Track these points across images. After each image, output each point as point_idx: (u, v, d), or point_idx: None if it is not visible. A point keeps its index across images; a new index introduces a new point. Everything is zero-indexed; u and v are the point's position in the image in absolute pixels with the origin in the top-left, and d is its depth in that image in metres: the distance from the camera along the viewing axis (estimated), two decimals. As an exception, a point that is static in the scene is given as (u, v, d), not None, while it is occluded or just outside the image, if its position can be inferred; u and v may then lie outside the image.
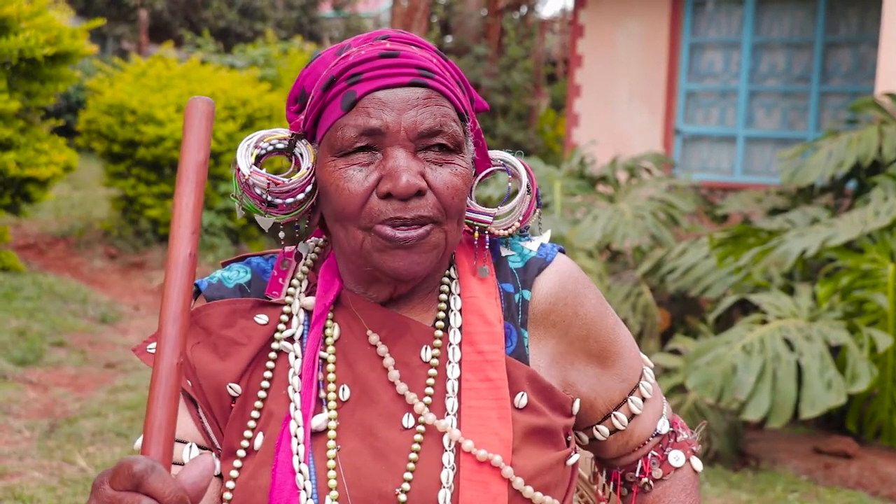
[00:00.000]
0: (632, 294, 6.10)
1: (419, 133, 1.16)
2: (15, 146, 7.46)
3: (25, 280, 7.45)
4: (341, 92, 1.17)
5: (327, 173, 1.18)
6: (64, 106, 14.49)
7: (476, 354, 1.22)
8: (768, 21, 9.58)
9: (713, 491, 4.52)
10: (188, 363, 1.22)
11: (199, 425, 1.22)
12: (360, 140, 1.16)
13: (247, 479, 1.17)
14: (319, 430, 1.18)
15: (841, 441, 5.06)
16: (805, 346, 4.65)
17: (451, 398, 1.20)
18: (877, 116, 6.60)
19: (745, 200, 7.26)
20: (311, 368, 1.21)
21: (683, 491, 1.38)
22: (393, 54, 1.18)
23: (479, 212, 1.28)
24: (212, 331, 1.24)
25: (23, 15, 7.24)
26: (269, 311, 1.25)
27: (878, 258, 5.03)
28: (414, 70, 1.17)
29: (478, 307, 1.24)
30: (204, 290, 1.27)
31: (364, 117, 1.15)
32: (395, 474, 1.16)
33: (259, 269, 1.29)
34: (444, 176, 1.17)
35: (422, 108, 1.16)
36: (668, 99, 9.76)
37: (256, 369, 1.23)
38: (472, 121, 1.25)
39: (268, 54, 13.57)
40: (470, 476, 1.15)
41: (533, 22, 18.45)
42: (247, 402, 1.21)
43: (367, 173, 1.16)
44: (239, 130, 9.68)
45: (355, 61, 1.17)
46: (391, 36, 1.23)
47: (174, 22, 20.03)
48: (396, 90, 1.16)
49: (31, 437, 4.65)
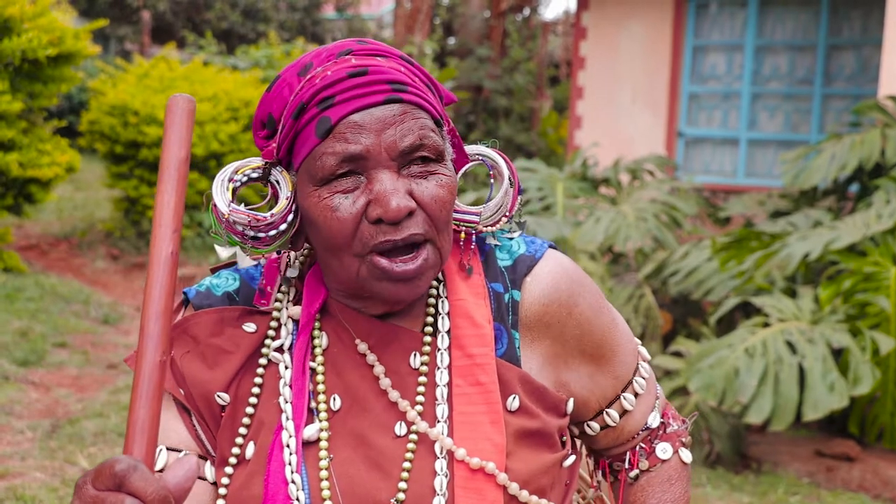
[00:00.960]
0: (634, 296, 6.09)
1: (401, 151, 1.13)
2: (17, 147, 7.47)
3: (28, 281, 7.46)
4: (314, 118, 1.14)
5: (312, 204, 1.15)
6: (66, 107, 14.50)
7: (465, 358, 1.20)
8: (771, 23, 9.58)
9: (715, 493, 4.52)
10: (178, 372, 1.21)
11: (194, 433, 1.21)
12: (341, 167, 1.13)
13: (239, 489, 1.17)
14: (311, 440, 1.17)
15: (843, 444, 5.05)
16: (807, 348, 4.65)
17: (442, 405, 1.18)
18: (880, 119, 6.59)
19: (747, 203, 7.26)
20: (301, 378, 1.20)
21: (668, 481, 1.36)
22: (362, 72, 1.14)
23: (465, 212, 1.26)
24: (200, 339, 1.22)
25: (26, 16, 7.25)
26: (257, 320, 1.24)
27: (880, 261, 5.02)
28: (386, 86, 1.14)
29: (465, 310, 1.22)
30: (192, 299, 1.26)
31: (342, 143, 1.12)
32: (389, 483, 1.15)
33: (248, 276, 1.28)
34: (430, 189, 1.15)
35: (399, 124, 1.13)
36: (671, 101, 9.76)
37: (245, 377, 1.21)
38: (447, 122, 1.23)
39: (270, 56, 13.58)
40: (464, 484, 1.15)
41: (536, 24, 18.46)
42: (236, 410, 1.20)
43: (353, 199, 1.13)
44: (241, 132, 9.69)
45: (323, 84, 1.13)
46: (354, 50, 1.18)
47: (177, 23, 20.05)
48: (371, 110, 1.13)
49: (33, 438, 4.65)
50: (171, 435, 1.20)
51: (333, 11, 22.65)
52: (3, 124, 7.32)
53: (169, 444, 1.20)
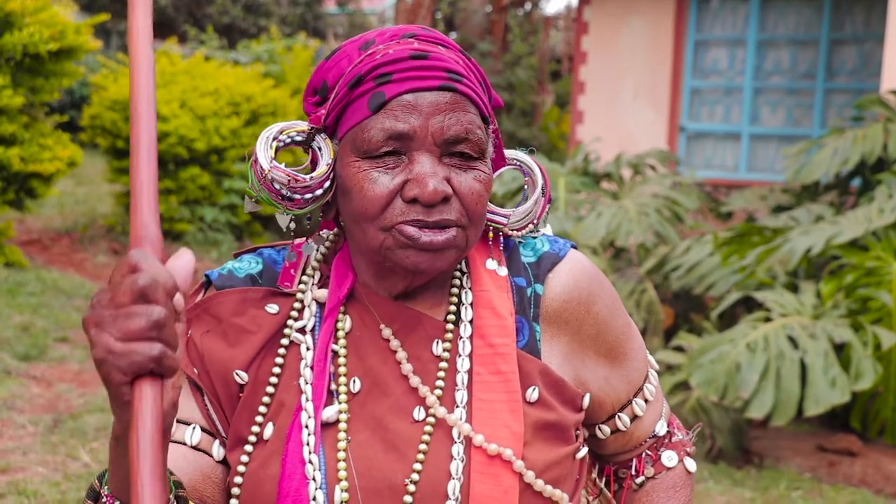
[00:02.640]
0: (636, 291, 6.09)
1: (445, 139, 1.15)
2: (19, 141, 7.47)
3: (29, 275, 7.46)
4: (368, 91, 1.16)
5: (351, 173, 1.17)
6: (68, 101, 14.50)
7: (487, 347, 1.21)
8: (773, 18, 9.56)
9: (717, 488, 4.52)
10: (195, 352, 1.23)
11: (205, 412, 1.23)
12: (386, 144, 1.14)
13: (257, 468, 1.18)
14: (330, 421, 1.19)
15: (845, 439, 5.05)
16: (809, 343, 4.64)
17: (461, 391, 1.20)
18: (882, 114, 6.59)
19: (749, 198, 7.26)
20: (322, 360, 1.21)
21: (673, 488, 1.38)
22: (423, 55, 1.16)
23: (495, 212, 1.28)
24: (222, 318, 1.24)
25: (27, 10, 7.25)
26: (280, 301, 1.25)
27: (882, 256, 5.02)
28: (443, 73, 1.16)
29: (489, 301, 1.24)
30: (214, 280, 1.27)
31: (391, 120, 1.14)
32: (405, 465, 1.16)
33: (271, 260, 1.29)
34: (468, 181, 1.17)
35: (449, 113, 1.15)
36: (673, 96, 9.75)
37: (266, 358, 1.23)
38: (493, 121, 1.25)
39: (272, 50, 13.57)
40: (481, 469, 1.16)
41: (537, 19, 18.42)
42: (256, 390, 1.22)
43: (392, 176, 1.15)
44: (243, 126, 9.68)
45: (384, 60, 1.16)
46: (418, 34, 1.21)
47: (178, 18, 20.04)
48: (425, 93, 1.15)
49: (35, 433, 4.66)
50: (183, 407, 1.22)
51: (335, 6, 22.63)
52: (4, 119, 7.31)
53: (180, 417, 1.21)
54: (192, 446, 1.21)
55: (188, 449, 1.21)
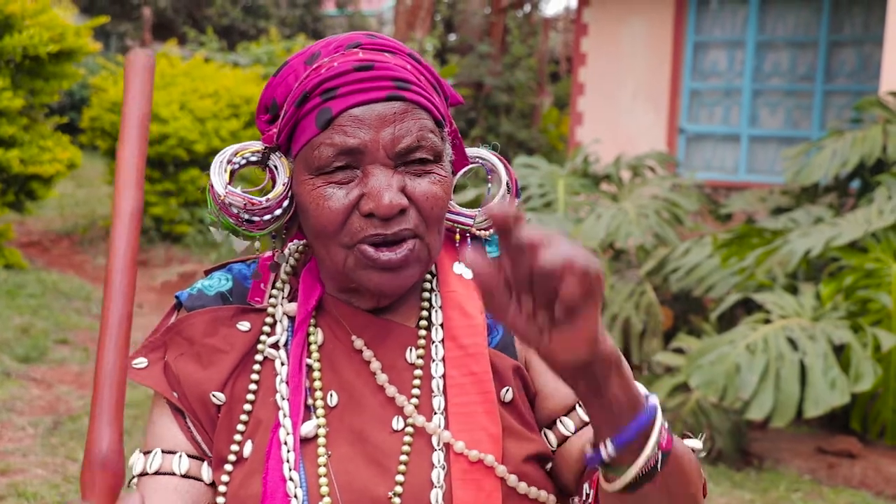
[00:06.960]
0: (635, 293, 6.09)
1: (397, 151, 1.13)
2: (19, 143, 7.47)
3: (29, 277, 7.46)
4: (315, 108, 1.14)
5: (306, 191, 1.16)
6: (68, 103, 14.50)
7: (458, 349, 1.20)
8: (772, 20, 9.57)
9: (716, 490, 4.52)
10: (173, 375, 1.21)
11: (189, 435, 1.21)
12: (338, 160, 1.13)
13: (237, 489, 1.17)
14: (309, 436, 1.17)
15: (844, 440, 5.05)
16: (809, 345, 4.65)
17: (438, 397, 1.18)
18: (881, 115, 6.59)
19: (748, 199, 7.26)
20: (297, 375, 1.19)
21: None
22: (367, 66, 1.14)
23: (460, 213, 1.26)
24: (195, 340, 1.22)
25: (27, 12, 7.26)
26: (251, 318, 1.24)
27: (881, 257, 5.02)
28: (390, 83, 1.14)
29: (457, 301, 1.23)
30: (184, 302, 1.26)
31: (341, 136, 1.13)
32: (387, 477, 1.15)
33: (241, 275, 1.28)
34: (423, 186, 1.15)
35: (399, 123, 1.13)
36: (672, 98, 9.75)
37: (241, 376, 1.21)
38: (449, 123, 1.23)
39: (271, 52, 13.59)
40: (462, 476, 1.14)
41: (536, 20, 18.43)
42: (232, 409, 1.20)
43: (347, 191, 1.14)
44: (242, 128, 9.69)
45: (328, 75, 1.14)
46: (363, 43, 1.19)
47: (178, 19, 20.06)
48: (373, 105, 1.13)
49: (35, 435, 4.66)
50: (166, 437, 1.20)
51: (334, 8, 22.65)
52: (4, 121, 7.32)
53: (164, 447, 1.19)
54: (182, 475, 1.18)
55: (179, 479, 1.18)
